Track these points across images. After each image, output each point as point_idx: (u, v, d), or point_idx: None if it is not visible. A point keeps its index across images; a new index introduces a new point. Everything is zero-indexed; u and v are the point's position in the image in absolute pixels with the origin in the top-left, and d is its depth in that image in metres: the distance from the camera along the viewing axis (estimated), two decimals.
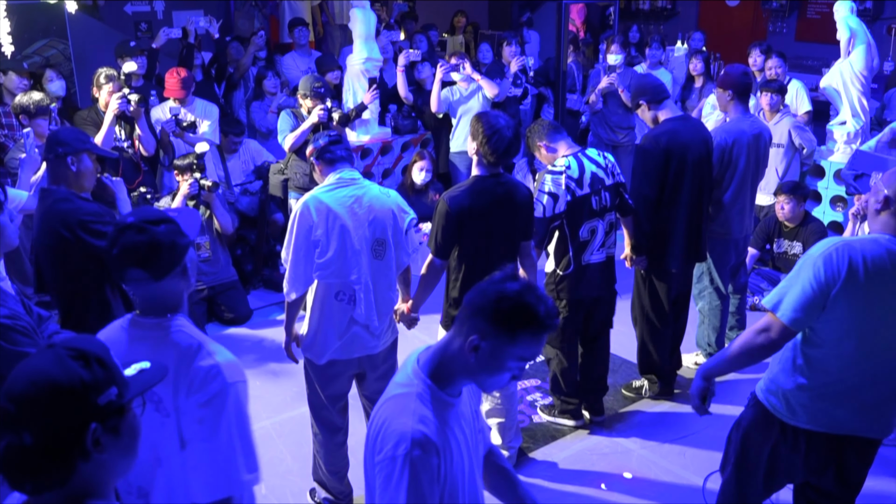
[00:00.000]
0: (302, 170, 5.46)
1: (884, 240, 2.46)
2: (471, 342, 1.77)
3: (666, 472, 3.96)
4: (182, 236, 2.06)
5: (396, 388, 1.87)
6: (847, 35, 6.49)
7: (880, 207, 2.49)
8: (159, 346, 2.01)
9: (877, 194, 2.52)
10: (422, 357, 1.92)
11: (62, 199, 3.12)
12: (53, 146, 3.14)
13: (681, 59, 8.34)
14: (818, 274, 2.44)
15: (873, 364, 2.52)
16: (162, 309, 2.06)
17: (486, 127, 3.47)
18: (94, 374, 1.38)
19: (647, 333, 4.56)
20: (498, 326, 1.75)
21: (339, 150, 3.40)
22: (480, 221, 3.51)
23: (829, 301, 2.44)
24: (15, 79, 5.55)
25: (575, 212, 3.91)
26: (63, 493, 1.37)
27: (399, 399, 1.83)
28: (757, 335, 2.56)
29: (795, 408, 2.62)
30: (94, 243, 3.10)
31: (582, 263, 4.00)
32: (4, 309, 2.44)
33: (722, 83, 4.66)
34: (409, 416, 1.77)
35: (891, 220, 2.48)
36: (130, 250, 1.98)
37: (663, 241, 4.34)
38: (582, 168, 3.92)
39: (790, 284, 2.51)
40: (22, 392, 1.34)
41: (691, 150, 4.22)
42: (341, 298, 3.33)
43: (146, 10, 7.92)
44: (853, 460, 2.68)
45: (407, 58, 6.74)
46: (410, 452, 1.72)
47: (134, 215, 2.05)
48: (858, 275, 2.41)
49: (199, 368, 1.96)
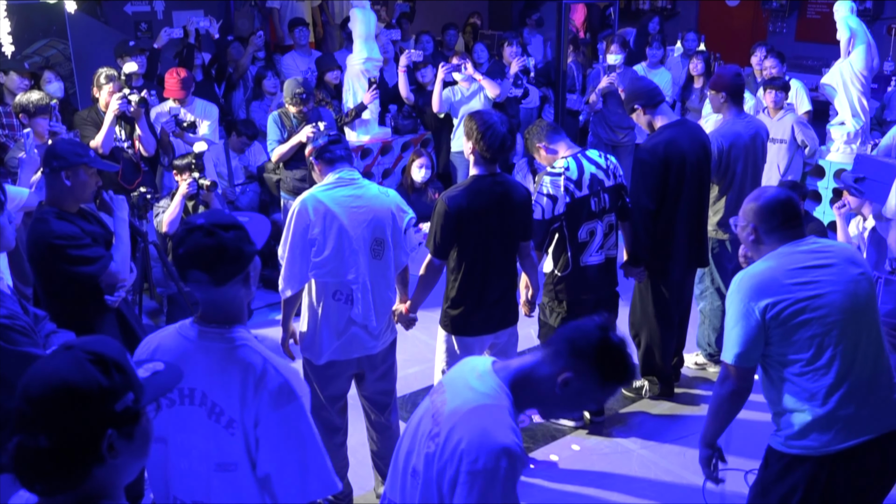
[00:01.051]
0: (292, 175, 5.50)
1: (780, 250, 2.62)
2: (564, 378, 1.86)
3: (666, 472, 3.96)
4: (249, 244, 2.03)
5: (482, 398, 1.88)
6: (847, 35, 6.49)
7: (755, 237, 2.69)
8: (225, 361, 1.98)
9: (745, 231, 2.73)
10: (499, 371, 1.95)
11: (39, 219, 3.06)
12: (49, 159, 3.07)
13: (677, 60, 8.34)
14: (748, 309, 2.55)
15: (860, 355, 2.53)
16: (223, 317, 2.02)
17: (480, 124, 3.46)
18: (113, 380, 1.37)
19: (652, 338, 4.55)
20: (595, 372, 1.85)
21: (339, 150, 3.40)
22: (479, 221, 3.50)
23: (767, 331, 2.54)
24: (16, 79, 5.56)
25: (574, 213, 3.90)
26: (74, 495, 1.36)
27: (492, 410, 1.86)
28: (721, 386, 2.66)
29: (832, 432, 2.53)
30: (66, 268, 3.03)
31: (580, 265, 3.99)
32: (3, 309, 2.44)
33: (714, 85, 4.66)
34: (506, 430, 1.81)
35: (768, 238, 2.66)
36: (195, 253, 1.95)
37: (665, 248, 4.33)
38: (581, 169, 3.91)
39: (728, 328, 2.63)
40: (39, 394, 1.33)
41: (690, 156, 4.21)
42: (339, 298, 3.33)
43: (146, 10, 7.92)
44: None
45: (409, 58, 6.74)
46: (511, 466, 1.77)
47: (205, 217, 2.01)
48: (783, 289, 2.53)
49: (271, 388, 1.93)
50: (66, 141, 3.63)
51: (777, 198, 2.68)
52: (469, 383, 1.93)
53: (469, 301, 3.59)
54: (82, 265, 3.05)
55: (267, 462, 1.95)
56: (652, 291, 4.48)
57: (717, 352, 4.92)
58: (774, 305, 2.51)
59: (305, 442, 1.95)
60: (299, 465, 1.94)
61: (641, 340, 4.62)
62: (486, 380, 1.92)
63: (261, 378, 1.94)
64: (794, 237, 2.64)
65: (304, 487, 1.95)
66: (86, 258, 3.06)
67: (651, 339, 4.55)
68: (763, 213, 2.67)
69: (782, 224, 2.65)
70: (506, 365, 1.97)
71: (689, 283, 4.60)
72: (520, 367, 1.94)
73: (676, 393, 4.69)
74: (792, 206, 2.68)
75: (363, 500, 3.80)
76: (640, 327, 4.61)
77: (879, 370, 2.59)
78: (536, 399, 1.92)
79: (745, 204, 2.75)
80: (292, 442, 1.94)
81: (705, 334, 4.94)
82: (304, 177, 5.44)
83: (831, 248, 2.67)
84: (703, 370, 4.98)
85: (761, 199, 2.70)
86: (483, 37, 8.80)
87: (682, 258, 4.34)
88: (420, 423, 1.99)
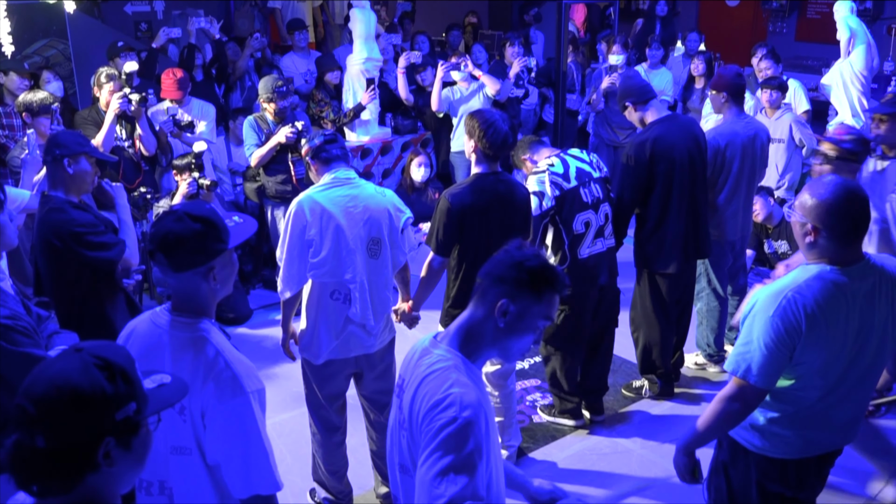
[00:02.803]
0: (274, 180, 5.52)
1: (825, 271, 2.36)
2: (500, 307, 1.90)
3: (666, 472, 3.96)
4: (217, 241, 2.06)
5: (436, 365, 1.92)
6: (847, 35, 6.50)
7: (813, 239, 2.37)
8: (183, 349, 2.03)
9: (802, 228, 2.39)
10: (442, 337, 2.00)
11: (55, 209, 3.13)
12: (51, 148, 3.16)
13: (678, 59, 8.34)
14: (779, 332, 2.33)
15: (841, 387, 2.47)
16: (188, 308, 2.08)
17: (482, 122, 3.49)
18: (117, 387, 1.37)
19: (651, 335, 4.56)
20: (524, 288, 1.90)
21: (335, 149, 3.41)
22: (481, 219, 3.51)
23: (795, 353, 2.37)
24: (16, 79, 5.55)
25: (565, 205, 3.93)
26: (67, 499, 1.36)
27: (444, 371, 1.89)
28: (731, 403, 2.44)
29: (771, 440, 2.53)
30: (87, 254, 3.14)
31: (578, 257, 3.99)
32: (5, 309, 2.44)
33: (716, 85, 4.66)
34: (459, 385, 1.85)
35: (826, 246, 2.36)
36: (159, 236, 2.02)
37: (661, 244, 4.34)
38: (566, 164, 3.98)
39: (750, 347, 2.38)
40: (43, 394, 1.33)
41: (680, 149, 4.23)
42: (336, 298, 3.34)
43: (146, 10, 7.92)
44: (828, 470, 2.70)
45: (408, 59, 6.74)
46: (470, 416, 1.80)
47: (184, 206, 2.08)
48: (817, 319, 2.32)
49: (218, 380, 1.97)
50: (67, 131, 3.67)
51: (852, 198, 2.33)
52: (419, 362, 1.97)
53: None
54: (102, 251, 3.17)
55: (213, 452, 2.00)
56: (650, 287, 4.49)
57: (717, 352, 4.92)
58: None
59: (249, 438, 1.97)
60: (242, 458, 1.98)
61: (640, 338, 4.62)
62: (432, 352, 1.96)
63: (210, 369, 1.99)
64: (855, 254, 2.39)
65: (248, 481, 1.99)
66: (105, 244, 3.18)
67: (649, 336, 4.56)
68: (832, 216, 2.32)
69: (851, 232, 2.35)
70: (445, 331, 2.02)
71: (689, 276, 4.60)
72: (458, 325, 1.99)
73: (676, 393, 4.70)
74: (866, 209, 2.36)
75: (363, 499, 3.80)
76: (638, 324, 4.62)
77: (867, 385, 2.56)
78: (486, 343, 1.95)
79: (810, 197, 2.37)
80: (235, 436, 1.97)
81: (704, 335, 4.95)
82: (285, 180, 5.46)
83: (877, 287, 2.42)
84: (702, 370, 4.99)
85: (832, 196, 2.33)
86: (483, 37, 8.80)
87: (678, 251, 4.35)
88: (394, 420, 2.05)
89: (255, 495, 1.99)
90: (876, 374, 2.56)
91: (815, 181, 2.44)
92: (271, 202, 5.65)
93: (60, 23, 6.39)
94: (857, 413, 2.58)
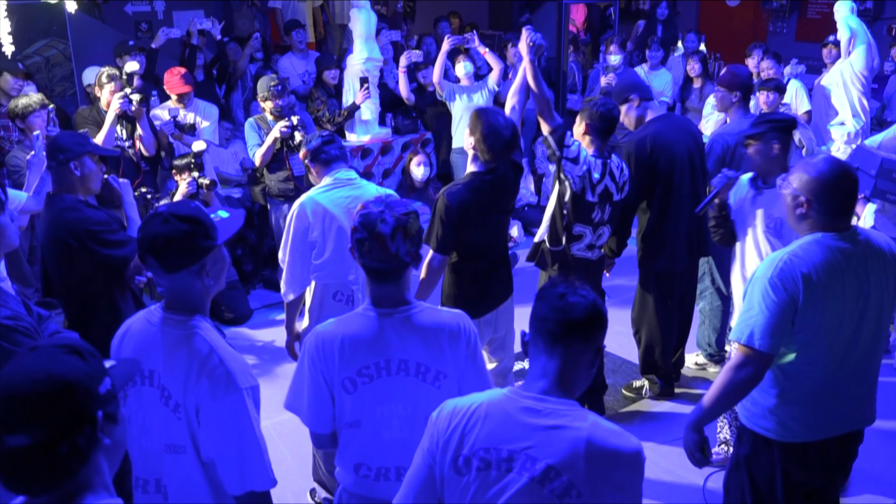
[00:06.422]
0: (276, 178, 5.52)
1: (819, 237, 2.46)
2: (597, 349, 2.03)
3: (666, 472, 3.96)
4: (206, 238, 2.06)
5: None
6: (847, 35, 6.49)
7: (804, 211, 2.48)
8: (177, 347, 2.03)
9: (794, 200, 2.49)
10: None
11: (69, 208, 3.12)
12: (54, 153, 3.13)
13: (677, 59, 8.35)
14: (779, 293, 2.40)
15: (849, 356, 2.50)
16: (181, 306, 2.08)
17: (485, 125, 3.46)
18: (91, 365, 1.39)
19: (653, 335, 4.55)
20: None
21: (333, 150, 3.40)
22: (479, 217, 3.51)
23: (797, 317, 2.41)
24: (10, 80, 5.53)
25: (576, 207, 3.84)
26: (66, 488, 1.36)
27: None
28: (738, 371, 2.46)
29: (788, 423, 2.54)
30: (103, 252, 3.13)
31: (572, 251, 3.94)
32: (6, 310, 2.43)
33: (730, 84, 4.61)
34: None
35: (817, 218, 2.47)
36: (149, 239, 2.02)
37: (663, 242, 4.34)
38: (601, 176, 3.83)
39: (752, 313, 2.45)
40: (28, 391, 1.30)
41: (679, 147, 4.22)
42: (339, 299, 3.34)
43: (146, 10, 7.93)
44: (853, 454, 2.68)
45: (409, 58, 6.74)
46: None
47: (169, 206, 2.08)
48: (814, 279, 2.39)
49: (212, 377, 1.97)
50: (66, 133, 3.65)
51: (843, 175, 2.45)
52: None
53: (472, 298, 3.59)
54: (116, 248, 3.18)
55: (208, 448, 2.00)
56: (652, 286, 4.48)
57: (718, 352, 4.92)
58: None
59: (242, 434, 1.98)
60: (237, 455, 1.98)
61: (642, 337, 4.62)
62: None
63: (203, 365, 1.99)
64: (845, 226, 2.49)
65: (243, 477, 1.99)
66: (119, 242, 3.19)
67: (651, 335, 4.55)
68: (825, 190, 2.44)
69: (841, 206, 2.47)
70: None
71: (691, 274, 4.60)
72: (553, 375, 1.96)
73: (676, 393, 4.69)
74: (856, 186, 2.49)
75: None
76: (640, 324, 4.62)
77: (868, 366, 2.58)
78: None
79: (802, 173, 2.49)
80: (229, 432, 1.98)
81: (705, 334, 4.95)
82: (287, 178, 5.47)
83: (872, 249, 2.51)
84: (703, 370, 4.98)
85: (825, 173, 2.45)
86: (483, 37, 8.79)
87: (680, 249, 4.35)
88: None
89: (250, 492, 2.00)
90: (878, 351, 2.59)
91: (808, 158, 2.57)
92: (274, 201, 5.65)
93: (61, 23, 6.39)
94: (867, 391, 2.59)
